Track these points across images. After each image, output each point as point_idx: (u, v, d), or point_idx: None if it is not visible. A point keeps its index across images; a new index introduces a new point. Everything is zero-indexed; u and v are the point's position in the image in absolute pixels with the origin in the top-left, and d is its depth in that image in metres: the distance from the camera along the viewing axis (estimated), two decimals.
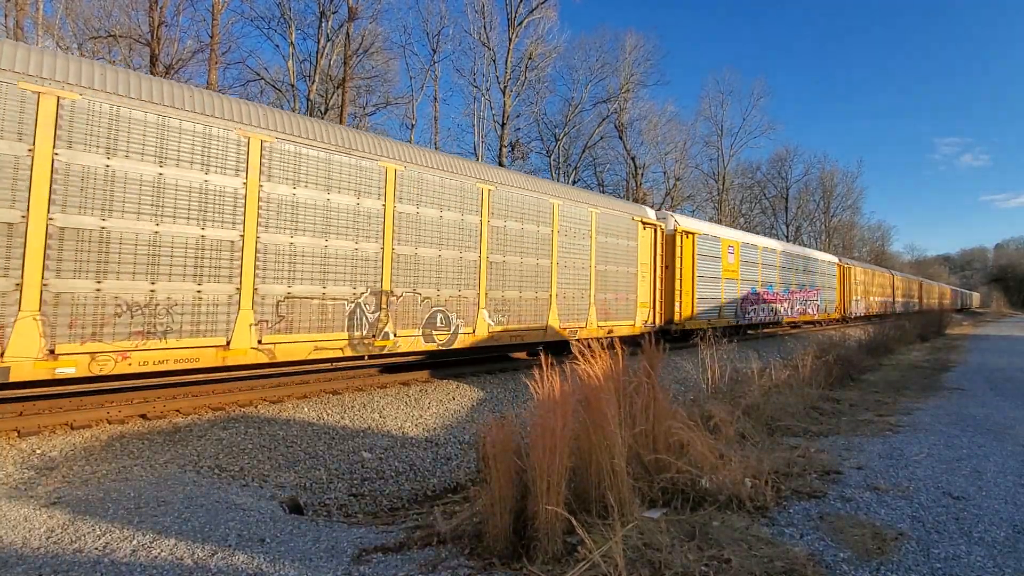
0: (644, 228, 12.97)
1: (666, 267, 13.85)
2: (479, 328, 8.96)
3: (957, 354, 15.52)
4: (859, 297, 29.26)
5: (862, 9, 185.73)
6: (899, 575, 2.84)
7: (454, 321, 8.58)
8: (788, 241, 45.50)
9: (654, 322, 13.04)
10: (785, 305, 20.59)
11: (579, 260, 10.99)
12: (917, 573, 2.86)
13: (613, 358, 3.92)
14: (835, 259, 26.99)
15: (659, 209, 14.13)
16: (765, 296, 18.97)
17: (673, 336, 14.26)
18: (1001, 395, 8.55)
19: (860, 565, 2.92)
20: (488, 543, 3.03)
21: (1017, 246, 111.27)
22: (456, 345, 8.60)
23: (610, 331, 11.46)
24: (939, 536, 3.30)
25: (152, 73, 18.97)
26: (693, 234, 14.78)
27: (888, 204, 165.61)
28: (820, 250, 42.12)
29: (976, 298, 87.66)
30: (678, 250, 14.09)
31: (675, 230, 14.18)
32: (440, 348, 8.41)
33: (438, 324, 8.37)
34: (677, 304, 13.94)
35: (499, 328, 9.29)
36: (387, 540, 3.30)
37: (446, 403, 7.85)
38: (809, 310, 22.85)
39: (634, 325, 12.27)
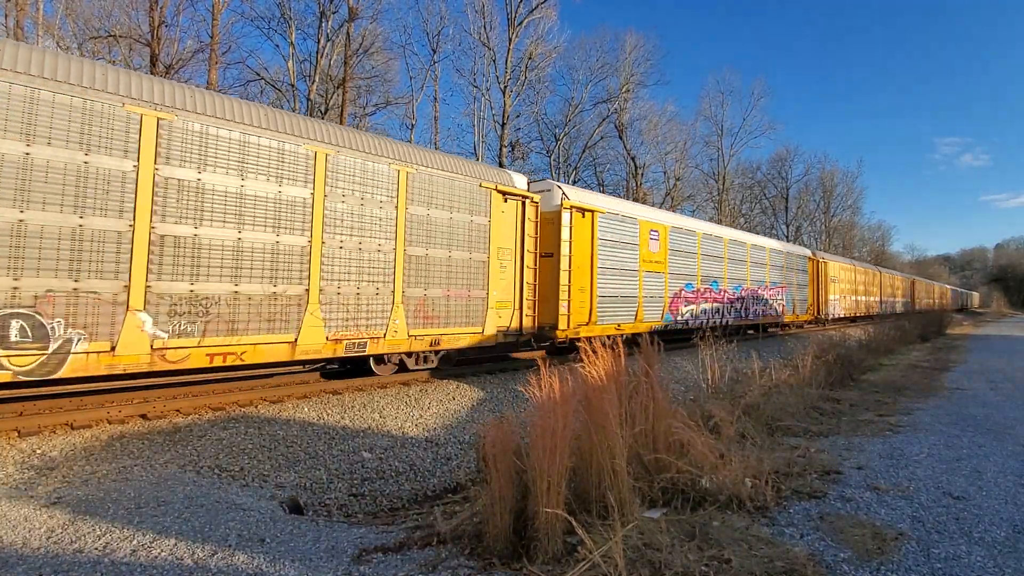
0: (505, 201, 9.58)
1: (549, 255, 10.66)
2: (128, 344, 5.59)
3: (957, 354, 15.52)
4: (837, 296, 26.19)
5: (862, 9, 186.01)
6: (899, 575, 2.84)
7: (60, 333, 5.22)
8: (788, 241, 45.29)
9: (520, 327, 9.71)
10: (737, 305, 17.23)
11: (371, 240, 7.67)
12: (917, 573, 2.86)
13: (615, 358, 3.91)
14: (807, 252, 23.67)
15: (540, 179, 11.42)
16: (707, 294, 15.64)
17: (559, 346, 10.77)
18: (1001, 395, 8.54)
19: (860, 565, 2.92)
20: (488, 543, 3.03)
21: (1017, 246, 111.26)
22: (64, 373, 5.27)
23: (436, 341, 8.41)
24: (939, 536, 3.30)
25: (152, 73, 18.97)
26: (592, 212, 11.38)
27: (888, 204, 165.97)
28: (820, 249, 41.89)
29: (976, 298, 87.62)
30: (566, 232, 10.68)
31: (560, 205, 10.66)
32: (22, 378, 5.09)
33: (12, 339, 4.99)
34: (563, 304, 10.50)
35: (184, 343, 5.93)
36: (387, 540, 3.30)
37: (446, 403, 7.86)
38: (771, 311, 19.46)
39: (482, 333, 9.07)
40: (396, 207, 8.04)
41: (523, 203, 10.03)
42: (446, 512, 3.69)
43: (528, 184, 10.43)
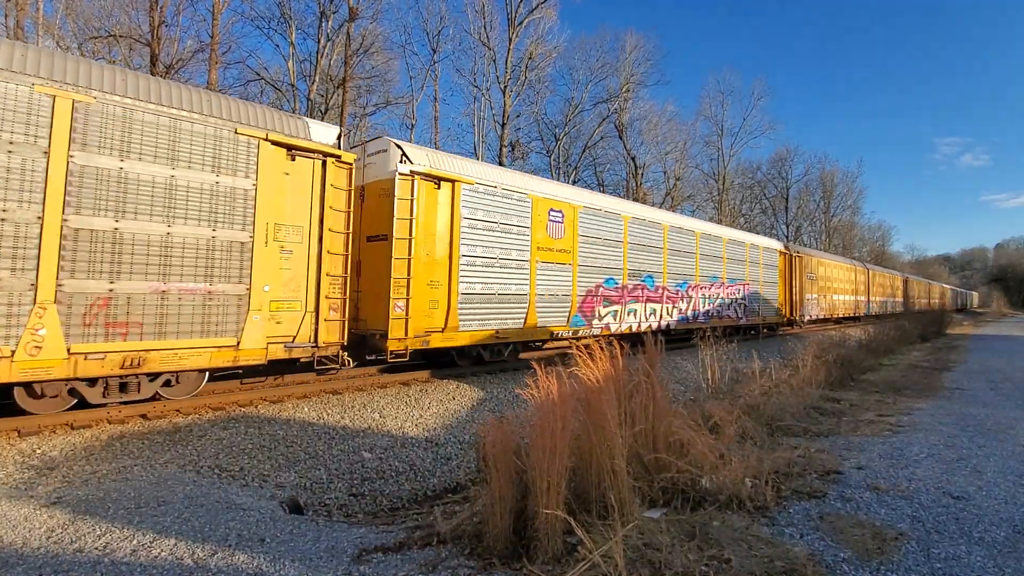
0: (292, 158, 6.93)
1: (380, 237, 8.22)
2: None
3: (957, 354, 15.52)
4: (815, 296, 23.42)
5: (862, 9, 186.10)
6: (899, 575, 2.84)
7: None
8: (788, 240, 44.93)
9: (314, 337, 7.05)
10: (682, 306, 14.53)
11: None
12: (917, 573, 2.86)
13: (612, 359, 3.91)
14: (777, 245, 20.85)
15: (375, 138, 8.94)
16: (638, 292, 12.80)
17: (395, 361, 8.12)
18: (1001, 395, 8.54)
19: (860, 565, 2.92)
20: (488, 543, 3.03)
21: (1017, 246, 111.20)
22: None
23: (135, 361, 5.65)
24: (939, 536, 3.30)
25: (152, 73, 18.96)
26: (452, 182, 8.73)
27: (888, 204, 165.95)
28: (821, 249, 41.58)
29: (975, 298, 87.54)
30: (405, 208, 8.04)
31: (394, 173, 8.00)
32: None
33: None
34: (398, 304, 7.93)
35: None
36: (387, 540, 3.30)
37: (446, 403, 7.85)
38: (728, 312, 16.64)
39: (237, 346, 6.35)
40: (47, 153, 5.28)
41: (324, 163, 7.21)
42: (446, 512, 3.69)
43: (341, 139, 7.56)
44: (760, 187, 55.80)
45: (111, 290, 5.61)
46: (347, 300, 7.50)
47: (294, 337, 6.94)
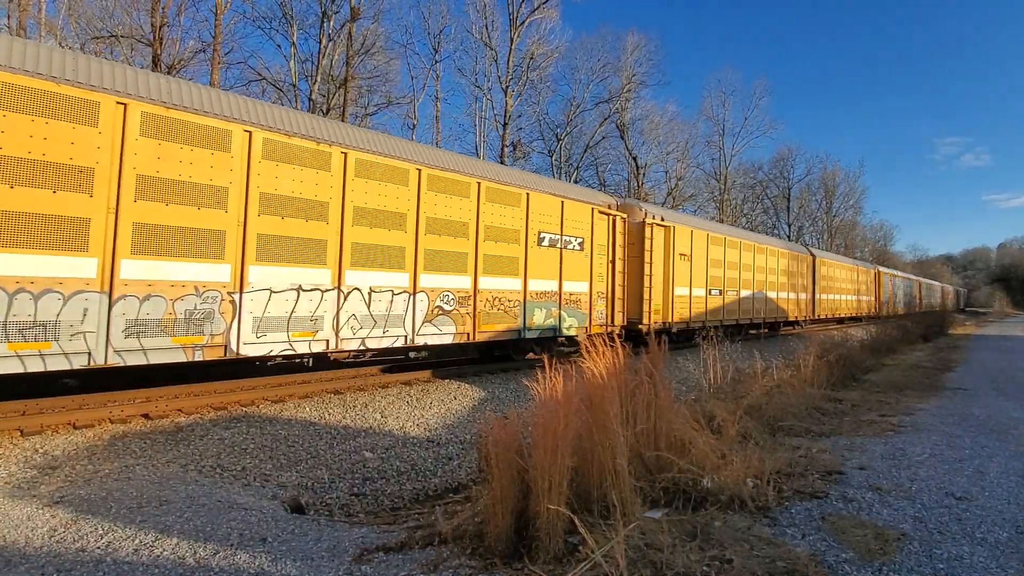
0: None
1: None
2: None
3: (959, 354, 15.47)
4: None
5: (864, 9, 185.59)
6: None
7: None
8: (789, 240, 44.10)
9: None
10: None
11: None
12: (919, 574, 2.85)
13: (615, 356, 3.91)
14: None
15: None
16: None
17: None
18: (1004, 395, 8.52)
19: (862, 566, 2.91)
20: (489, 543, 3.03)
21: (1020, 246, 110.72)
22: None
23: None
24: (942, 537, 3.29)
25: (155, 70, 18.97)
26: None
27: (889, 204, 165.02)
28: (823, 249, 40.63)
29: (966, 296, 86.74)
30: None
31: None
32: None
33: None
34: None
35: None
36: (389, 540, 3.30)
37: (448, 403, 7.85)
38: None
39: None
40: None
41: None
42: (447, 512, 3.69)
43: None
44: (762, 187, 55.62)
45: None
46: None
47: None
